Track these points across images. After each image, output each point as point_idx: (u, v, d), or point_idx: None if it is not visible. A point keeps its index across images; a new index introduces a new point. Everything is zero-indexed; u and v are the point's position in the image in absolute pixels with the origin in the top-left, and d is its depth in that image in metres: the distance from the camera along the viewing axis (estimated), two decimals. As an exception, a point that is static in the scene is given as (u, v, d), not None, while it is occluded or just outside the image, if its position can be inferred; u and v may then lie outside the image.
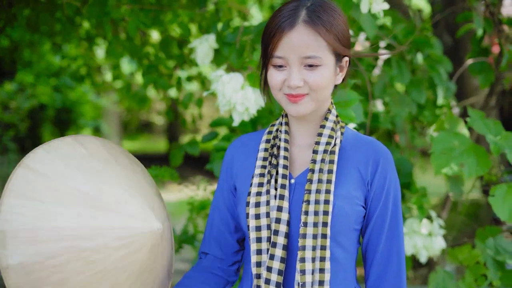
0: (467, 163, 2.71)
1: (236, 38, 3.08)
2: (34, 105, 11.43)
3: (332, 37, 1.89)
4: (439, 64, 3.64)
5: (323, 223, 1.87)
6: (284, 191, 1.95)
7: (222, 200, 2.15)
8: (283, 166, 1.98)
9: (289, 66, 1.91)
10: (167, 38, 4.00)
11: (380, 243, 1.97)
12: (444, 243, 3.14)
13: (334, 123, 2.02)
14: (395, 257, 1.97)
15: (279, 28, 1.91)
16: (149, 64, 4.07)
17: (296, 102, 1.92)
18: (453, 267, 4.42)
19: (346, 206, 1.92)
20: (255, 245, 1.95)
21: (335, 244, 1.93)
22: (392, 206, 1.97)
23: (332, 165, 1.94)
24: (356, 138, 2.04)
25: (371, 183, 1.96)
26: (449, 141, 2.78)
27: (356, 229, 1.97)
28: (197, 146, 3.53)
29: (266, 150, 2.06)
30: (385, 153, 1.99)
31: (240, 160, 2.13)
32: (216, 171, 3.07)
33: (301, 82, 1.90)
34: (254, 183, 2.00)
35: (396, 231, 1.98)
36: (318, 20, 1.89)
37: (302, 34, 1.88)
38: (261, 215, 1.94)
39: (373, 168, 1.96)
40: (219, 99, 2.60)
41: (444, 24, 5.20)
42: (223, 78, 2.58)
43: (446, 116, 2.96)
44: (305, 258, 1.88)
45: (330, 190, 1.90)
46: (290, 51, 1.89)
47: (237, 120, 2.65)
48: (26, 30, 5.00)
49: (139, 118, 23.11)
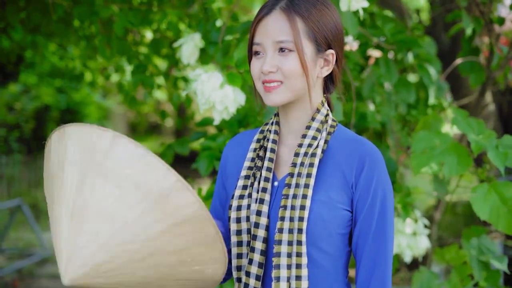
0: (447, 162, 2.69)
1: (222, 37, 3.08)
2: (38, 106, 11.49)
3: (309, 23, 1.86)
4: (429, 64, 3.63)
5: (298, 229, 1.82)
6: (265, 194, 1.91)
7: (219, 200, 2.13)
8: (267, 169, 1.94)
9: (265, 52, 1.89)
10: (158, 38, 4.00)
11: (367, 245, 1.89)
12: (429, 242, 3.12)
13: (321, 123, 1.95)
14: (382, 259, 1.89)
15: (258, 16, 1.91)
16: (138, 63, 4.08)
17: (270, 91, 1.88)
18: (442, 267, 4.41)
19: (324, 212, 1.85)
20: (235, 249, 1.93)
21: (316, 250, 1.86)
22: (379, 208, 1.88)
23: (312, 169, 1.87)
24: (345, 138, 1.96)
25: (356, 185, 1.88)
26: (430, 139, 2.76)
27: (340, 234, 1.89)
28: (187, 145, 3.53)
29: (255, 150, 2.02)
30: (372, 153, 1.90)
31: (233, 160, 2.10)
32: (202, 170, 3.07)
33: (273, 68, 1.86)
34: (239, 186, 1.97)
35: (383, 232, 1.89)
36: (295, 7, 1.87)
37: (276, 19, 1.87)
38: (242, 219, 1.91)
39: (358, 169, 1.88)
40: (199, 98, 2.59)
41: (442, 23, 5.18)
42: (202, 77, 2.58)
43: (430, 115, 2.94)
44: (280, 265, 1.84)
45: (307, 195, 1.84)
46: (265, 36, 1.87)
47: (218, 119, 2.65)
48: (26, 31, 5.04)
49: (147, 120, 23.16)
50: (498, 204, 2.63)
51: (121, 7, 3.52)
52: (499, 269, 3.04)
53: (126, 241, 1.63)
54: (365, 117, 3.43)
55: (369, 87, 3.44)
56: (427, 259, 3.65)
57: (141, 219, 1.62)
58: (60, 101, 11.63)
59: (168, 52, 4.24)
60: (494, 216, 2.61)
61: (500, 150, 2.70)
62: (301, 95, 1.93)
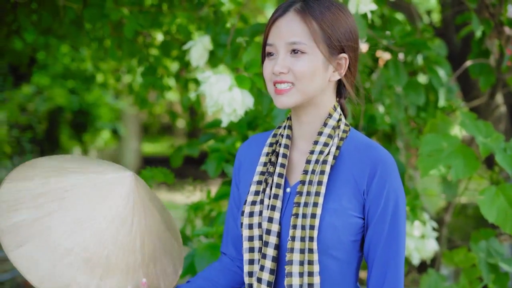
0: (454, 165, 2.69)
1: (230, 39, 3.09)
2: (51, 108, 11.53)
3: (322, 26, 1.86)
4: (439, 66, 3.62)
5: (309, 238, 1.82)
6: (276, 201, 1.91)
7: (234, 203, 2.13)
8: (278, 175, 1.94)
9: (277, 53, 1.89)
10: (168, 40, 4.02)
11: (378, 251, 1.89)
12: (437, 245, 3.12)
13: (333, 129, 1.95)
14: (394, 265, 1.89)
15: (272, 17, 1.92)
16: (149, 65, 4.10)
17: (281, 93, 1.88)
18: (451, 270, 4.40)
19: (336, 220, 1.84)
20: (247, 255, 1.93)
21: (327, 258, 1.87)
22: (391, 214, 1.88)
23: (323, 176, 1.87)
24: (357, 144, 1.95)
25: (368, 192, 1.87)
26: (438, 142, 2.76)
27: (353, 241, 1.89)
28: (196, 147, 3.55)
29: (267, 154, 2.02)
30: (385, 159, 1.89)
31: (246, 163, 2.11)
32: (210, 172, 3.08)
33: (284, 69, 1.86)
34: (251, 191, 1.97)
35: (395, 238, 1.89)
36: (309, 9, 1.87)
37: (290, 21, 1.88)
38: (254, 225, 1.92)
39: (370, 176, 1.87)
40: (207, 100, 2.61)
41: (453, 25, 5.17)
42: (210, 80, 2.59)
43: (438, 118, 2.94)
44: (292, 273, 1.84)
45: (318, 203, 1.84)
46: (278, 37, 1.88)
47: (225, 121, 2.66)
48: (38, 33, 5.07)
49: (160, 121, 23.21)
50: (506, 206, 2.62)
51: (131, 10, 3.54)
52: (508, 272, 3.04)
53: None
54: (374, 119, 3.43)
55: (378, 89, 3.44)
56: (436, 262, 3.64)
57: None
58: (73, 102, 11.65)
59: (179, 54, 4.25)
60: (501, 218, 2.61)
61: (508, 153, 2.69)
62: (312, 98, 1.92)
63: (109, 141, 13.88)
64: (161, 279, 2.03)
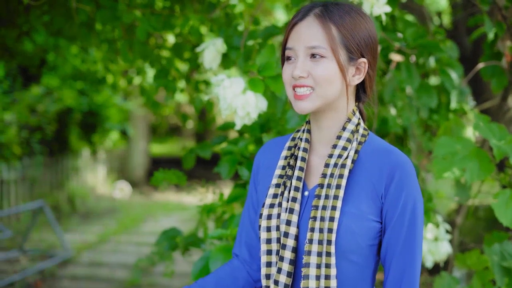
0: (469, 168, 2.68)
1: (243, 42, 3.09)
2: (60, 109, 11.56)
3: (342, 31, 1.87)
4: (451, 68, 3.61)
5: (327, 241, 1.82)
6: (295, 204, 1.92)
7: (251, 205, 2.14)
8: (297, 178, 1.94)
9: (297, 57, 1.90)
10: (180, 42, 4.02)
11: (395, 256, 1.88)
12: (450, 248, 3.11)
13: (352, 133, 1.95)
14: (410, 270, 1.88)
15: (292, 21, 1.93)
16: (160, 68, 4.10)
17: (300, 98, 1.89)
18: (464, 272, 4.39)
19: (354, 224, 1.85)
20: (265, 257, 1.94)
21: (345, 261, 1.87)
22: (409, 218, 1.87)
23: (341, 180, 1.87)
24: (376, 148, 1.95)
25: (385, 196, 1.87)
26: (452, 145, 2.75)
27: (371, 245, 1.89)
28: (209, 149, 3.54)
29: (286, 158, 2.03)
30: (403, 163, 1.89)
31: (264, 166, 2.12)
32: (223, 174, 3.08)
33: (304, 73, 1.87)
34: (269, 194, 1.98)
35: (412, 243, 1.88)
36: (329, 14, 1.88)
37: (309, 25, 1.88)
38: (272, 228, 1.92)
39: (388, 180, 1.87)
40: (221, 104, 2.61)
41: (464, 27, 5.16)
42: (224, 83, 2.59)
43: (452, 120, 2.93)
44: (309, 276, 1.85)
45: (336, 206, 1.84)
46: (297, 41, 1.89)
47: (239, 124, 2.66)
48: (48, 34, 5.09)
49: (168, 122, 23.25)
50: (520, 210, 2.62)
51: (144, 12, 3.54)
52: (521, 275, 3.03)
53: None
54: (387, 121, 3.43)
55: (391, 91, 3.43)
56: (448, 264, 3.64)
57: None
58: (82, 103, 11.69)
59: (190, 56, 4.26)
60: (515, 221, 2.60)
61: (522, 156, 2.68)
62: (332, 103, 1.93)
63: (118, 142, 13.91)
64: None
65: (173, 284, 7.15)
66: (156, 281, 7.35)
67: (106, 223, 10.92)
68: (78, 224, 10.85)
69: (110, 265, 8.11)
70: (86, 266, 8.05)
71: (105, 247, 9.17)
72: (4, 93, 9.95)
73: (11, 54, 5.77)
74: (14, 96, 10.54)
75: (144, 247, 8.91)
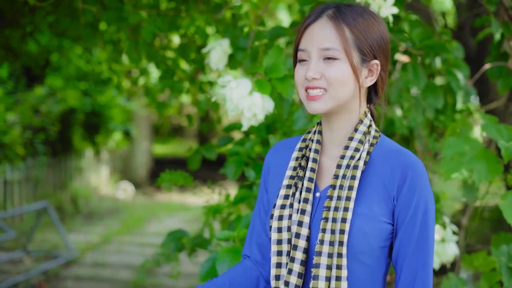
0: (477, 169, 2.68)
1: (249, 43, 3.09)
2: (64, 109, 11.57)
3: (355, 33, 1.87)
4: (457, 69, 3.60)
5: (339, 242, 1.82)
6: (306, 205, 1.92)
7: (262, 206, 2.13)
8: (308, 179, 1.95)
9: (310, 59, 1.90)
10: (186, 43, 4.02)
11: (407, 258, 1.88)
12: (457, 249, 3.10)
13: (364, 134, 1.95)
14: (422, 272, 1.88)
15: (305, 23, 1.93)
16: (166, 68, 4.10)
17: (313, 99, 1.89)
18: (470, 274, 4.38)
19: (366, 225, 1.85)
20: (275, 258, 1.93)
21: (356, 263, 1.87)
22: (421, 220, 1.87)
23: (354, 181, 1.87)
24: (387, 150, 1.95)
25: (397, 197, 1.87)
26: (460, 146, 2.75)
27: (382, 247, 1.89)
28: (214, 150, 3.54)
29: (297, 159, 2.03)
30: (415, 165, 1.89)
31: (275, 168, 2.12)
32: (229, 175, 3.08)
33: (317, 75, 1.87)
34: (280, 195, 1.98)
35: (425, 245, 1.88)
36: (342, 15, 1.89)
37: (323, 26, 1.89)
38: (283, 228, 1.92)
39: (400, 182, 1.87)
40: (227, 105, 2.60)
41: (469, 28, 5.15)
42: (230, 84, 2.58)
43: (459, 121, 2.93)
44: (318, 276, 1.84)
45: (349, 207, 1.84)
46: (310, 42, 1.89)
47: (246, 125, 2.65)
48: (52, 35, 5.08)
49: (170, 122, 23.27)
50: (528, 211, 2.61)
51: (149, 13, 3.54)
52: (528, 276, 3.01)
53: None
54: (393, 122, 3.42)
55: (397, 92, 3.43)
56: (455, 266, 3.63)
57: None
58: (85, 104, 11.69)
59: (195, 56, 4.25)
60: (524, 223, 2.60)
61: (530, 157, 2.67)
62: (344, 104, 1.93)
63: (121, 142, 13.92)
64: None
65: (178, 285, 7.16)
66: (161, 281, 7.35)
67: (109, 224, 10.92)
68: (81, 224, 10.85)
69: (113, 265, 8.11)
70: (90, 266, 8.05)
71: (108, 247, 9.17)
72: (8, 93, 9.95)
73: (15, 54, 5.76)
74: (17, 97, 10.54)
75: (148, 247, 8.91)
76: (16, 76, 9.59)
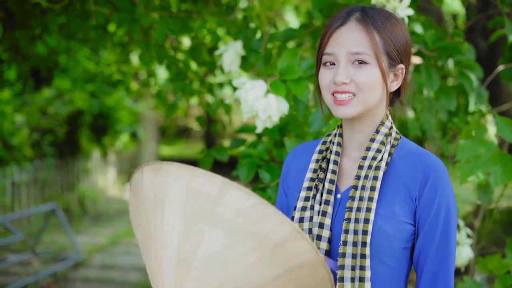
0: (493, 171, 2.66)
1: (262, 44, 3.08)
2: (71, 111, 11.58)
3: (384, 37, 1.87)
4: (470, 71, 3.59)
5: (362, 243, 1.82)
6: (327, 207, 1.91)
7: (281, 209, 2.13)
8: (330, 181, 1.94)
9: (337, 63, 1.88)
10: (196, 45, 4.01)
11: (429, 259, 1.88)
12: (472, 252, 3.08)
13: (385, 136, 1.95)
14: (444, 274, 1.88)
15: (331, 27, 1.91)
16: (177, 70, 4.10)
17: (342, 104, 1.88)
18: (484, 276, 4.36)
19: (388, 226, 1.84)
20: None
21: (378, 264, 1.86)
22: (442, 223, 1.87)
23: (376, 182, 1.87)
24: (409, 151, 1.95)
25: (419, 198, 1.87)
26: (475, 148, 2.73)
27: (404, 248, 1.88)
28: (225, 152, 3.53)
29: (317, 161, 2.02)
30: (437, 166, 1.88)
31: (294, 170, 2.11)
32: (242, 177, 3.07)
33: (347, 79, 1.85)
34: (301, 197, 1.98)
35: (446, 247, 1.88)
36: (370, 19, 1.87)
37: (352, 30, 1.87)
38: (304, 231, 1.92)
39: (422, 183, 1.87)
40: (242, 106, 2.60)
41: (479, 29, 5.13)
42: (245, 86, 2.58)
43: (473, 123, 2.91)
44: (343, 278, 1.84)
45: (371, 208, 1.84)
46: (339, 46, 1.87)
47: (260, 127, 2.65)
48: (61, 36, 5.08)
49: (177, 124, 23.27)
50: (545, 214, 2.59)
51: (161, 15, 3.54)
52: (544, 279, 3.00)
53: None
54: (406, 124, 3.41)
55: (410, 94, 3.41)
56: (469, 268, 3.61)
57: (254, 267, 1.61)
58: (93, 105, 11.70)
59: (206, 58, 4.25)
60: (541, 226, 2.58)
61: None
62: (371, 109, 1.92)
63: (128, 144, 13.93)
64: None
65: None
66: (169, 283, 7.33)
67: (117, 225, 10.92)
68: (89, 226, 10.86)
69: (122, 267, 8.11)
70: (98, 268, 8.05)
71: (116, 249, 9.18)
72: (16, 95, 9.97)
73: (23, 56, 5.76)
74: (25, 99, 10.56)
75: (156, 249, 8.89)
76: (24, 78, 9.60)
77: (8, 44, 4.94)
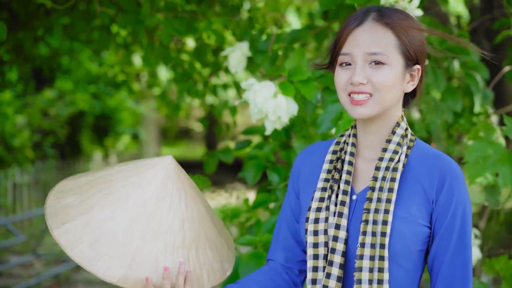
0: (501, 172, 2.66)
1: (269, 45, 3.08)
2: (73, 112, 11.58)
3: (401, 37, 1.85)
4: (476, 72, 3.58)
5: (380, 245, 1.81)
6: (344, 208, 1.90)
7: (290, 209, 2.11)
8: (345, 182, 1.93)
9: (354, 63, 1.87)
10: (201, 46, 4.01)
11: (445, 261, 1.86)
12: (480, 253, 3.07)
13: (401, 137, 1.94)
14: (460, 277, 1.86)
15: (347, 27, 1.89)
16: (183, 72, 4.09)
17: (358, 104, 1.86)
18: (490, 278, 4.35)
19: (405, 228, 1.83)
20: (311, 261, 1.91)
21: (395, 266, 1.85)
22: (459, 226, 1.85)
23: (393, 183, 1.86)
24: (425, 153, 1.94)
25: (436, 201, 1.86)
26: (483, 149, 2.73)
27: (420, 250, 1.88)
28: (231, 154, 3.52)
29: (331, 162, 2.01)
30: (454, 169, 1.88)
31: (306, 171, 2.09)
32: (249, 179, 3.06)
33: (364, 80, 1.84)
34: (315, 198, 1.96)
35: (463, 249, 1.87)
36: (387, 18, 1.86)
37: (369, 30, 1.86)
38: (319, 231, 1.91)
39: (439, 185, 1.86)
40: (251, 108, 2.59)
41: (483, 30, 5.13)
42: (254, 87, 2.57)
43: (481, 124, 2.90)
44: (361, 280, 1.83)
45: (389, 210, 1.83)
46: (355, 46, 1.86)
47: (269, 128, 2.64)
48: (64, 37, 5.08)
49: (178, 125, 23.26)
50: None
51: (167, 16, 3.53)
52: (551, 280, 2.99)
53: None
54: (412, 125, 3.40)
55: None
56: (476, 270, 3.60)
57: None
58: (95, 107, 11.70)
59: (210, 59, 4.25)
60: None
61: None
62: (386, 109, 1.91)
63: (130, 145, 13.93)
64: (204, 270, 2.01)
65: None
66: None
67: (118, 227, 10.89)
68: (90, 227, 10.82)
69: (124, 269, 8.08)
70: (100, 270, 8.02)
71: (118, 251, 9.14)
72: (17, 96, 9.96)
73: (25, 57, 5.75)
74: (26, 100, 10.55)
75: (158, 251, 8.88)
76: (25, 79, 9.60)
77: (12, 45, 4.94)
